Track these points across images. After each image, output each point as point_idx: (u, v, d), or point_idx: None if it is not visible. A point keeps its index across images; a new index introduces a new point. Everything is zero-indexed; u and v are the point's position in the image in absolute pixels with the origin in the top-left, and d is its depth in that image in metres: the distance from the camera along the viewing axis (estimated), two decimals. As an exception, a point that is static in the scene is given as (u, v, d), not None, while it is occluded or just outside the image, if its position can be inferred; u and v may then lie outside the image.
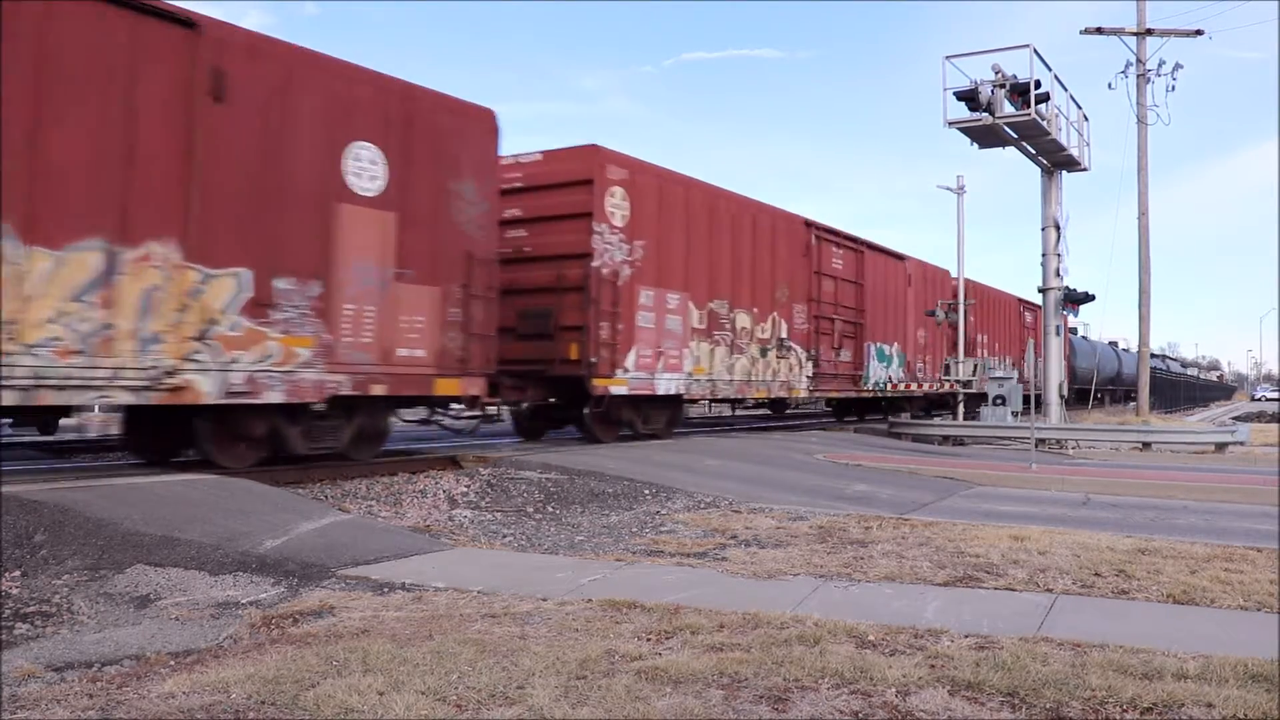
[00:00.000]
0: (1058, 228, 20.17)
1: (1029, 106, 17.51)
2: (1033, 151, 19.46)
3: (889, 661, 4.07)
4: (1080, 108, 20.46)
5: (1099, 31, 25.21)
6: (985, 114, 17.41)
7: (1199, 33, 24.59)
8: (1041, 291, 20.64)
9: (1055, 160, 20.02)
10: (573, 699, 3.60)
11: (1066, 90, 19.74)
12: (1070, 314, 21.77)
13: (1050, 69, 18.42)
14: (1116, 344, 47.62)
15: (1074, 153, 19.85)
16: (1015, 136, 18.46)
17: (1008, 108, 17.67)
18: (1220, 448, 18.32)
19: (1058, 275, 20.18)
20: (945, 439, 19.98)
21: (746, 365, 16.11)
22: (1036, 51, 17.73)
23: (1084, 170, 20.63)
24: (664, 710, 3.49)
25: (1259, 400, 75.69)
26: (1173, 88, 36.62)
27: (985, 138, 18.45)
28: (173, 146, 8.01)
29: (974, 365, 23.37)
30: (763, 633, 4.53)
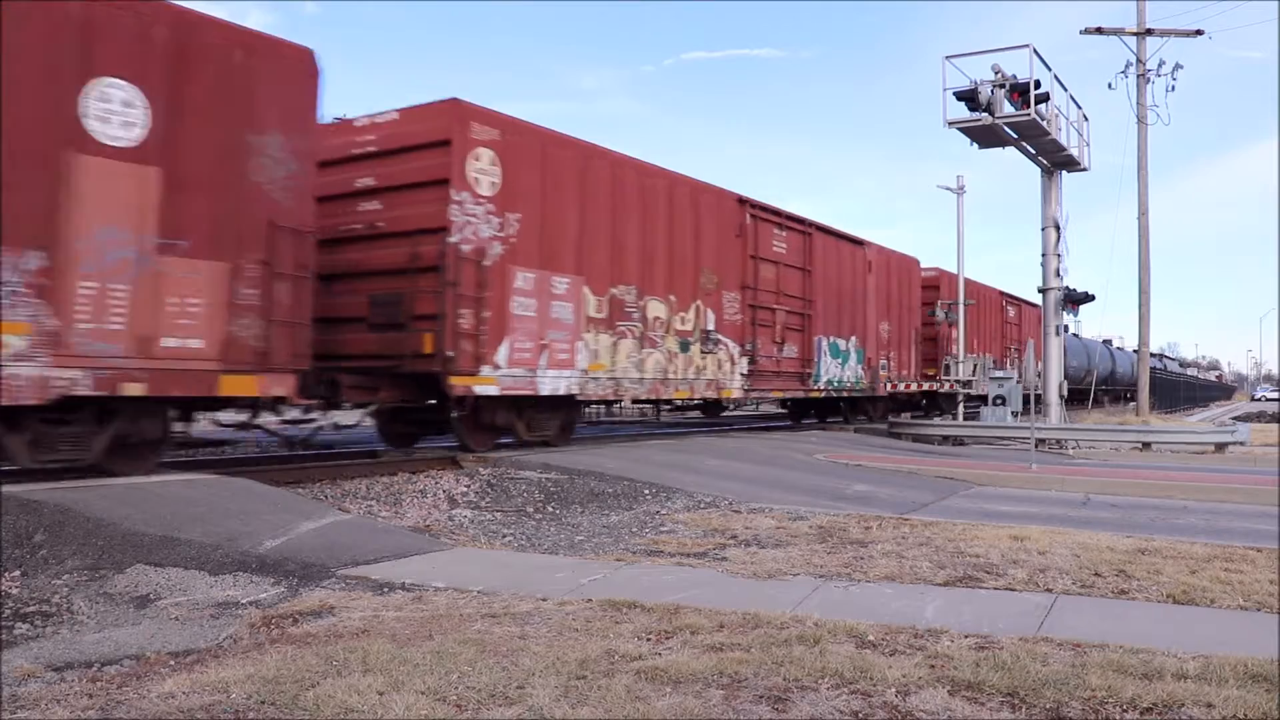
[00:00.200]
0: (1057, 228, 20.17)
1: (1029, 106, 17.51)
2: (1032, 151, 19.46)
3: (889, 661, 4.08)
4: (1080, 108, 20.48)
5: (1099, 31, 25.25)
6: (985, 114, 17.42)
7: (1199, 33, 24.65)
8: (1041, 292, 20.64)
9: (1055, 160, 20.03)
10: (573, 699, 3.60)
11: (1066, 90, 19.78)
12: (1070, 314, 21.74)
13: (1050, 69, 18.47)
14: (1110, 342, 47.53)
15: (1074, 153, 19.85)
16: (1015, 136, 18.47)
17: (1008, 108, 17.68)
18: (1220, 448, 18.33)
19: (1058, 275, 20.18)
20: (945, 439, 19.98)
21: (662, 361, 13.79)
22: (1036, 51, 17.75)
23: (1084, 170, 20.64)
24: (664, 710, 3.49)
25: (1259, 400, 75.72)
26: (1173, 88, 36.81)
27: (985, 138, 18.45)
28: None
29: (973, 365, 23.31)
30: (763, 633, 4.53)
